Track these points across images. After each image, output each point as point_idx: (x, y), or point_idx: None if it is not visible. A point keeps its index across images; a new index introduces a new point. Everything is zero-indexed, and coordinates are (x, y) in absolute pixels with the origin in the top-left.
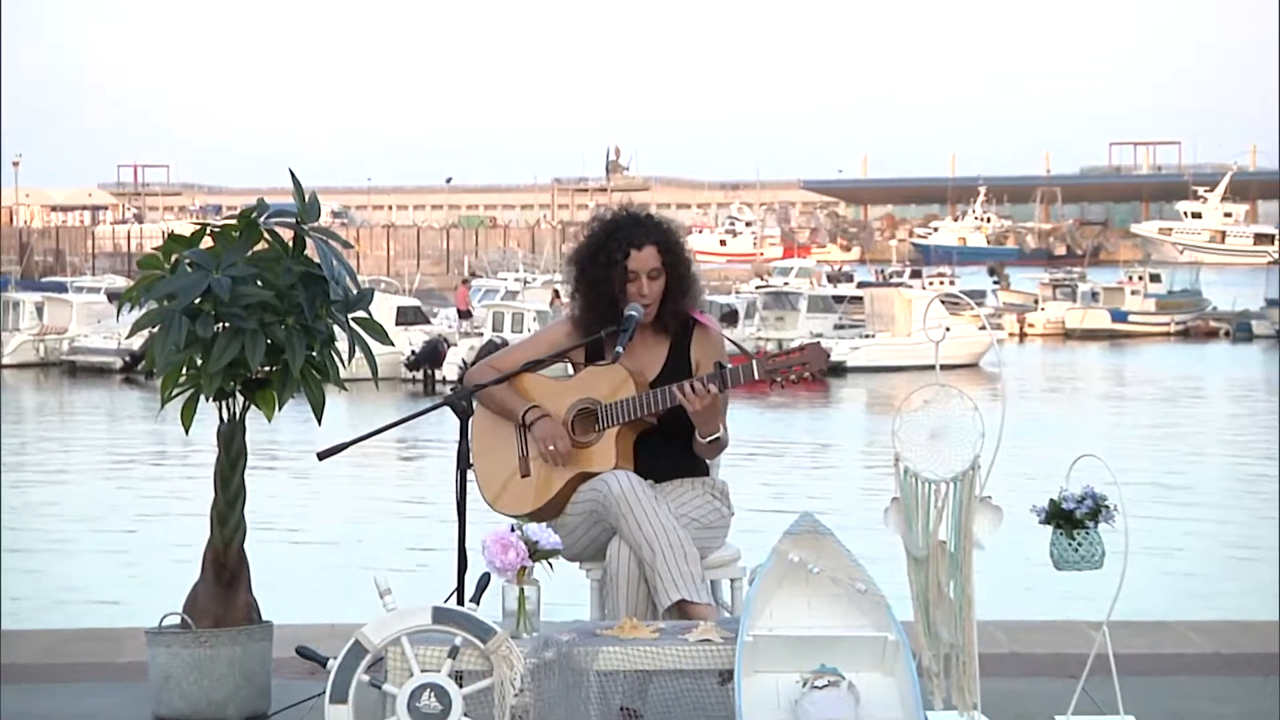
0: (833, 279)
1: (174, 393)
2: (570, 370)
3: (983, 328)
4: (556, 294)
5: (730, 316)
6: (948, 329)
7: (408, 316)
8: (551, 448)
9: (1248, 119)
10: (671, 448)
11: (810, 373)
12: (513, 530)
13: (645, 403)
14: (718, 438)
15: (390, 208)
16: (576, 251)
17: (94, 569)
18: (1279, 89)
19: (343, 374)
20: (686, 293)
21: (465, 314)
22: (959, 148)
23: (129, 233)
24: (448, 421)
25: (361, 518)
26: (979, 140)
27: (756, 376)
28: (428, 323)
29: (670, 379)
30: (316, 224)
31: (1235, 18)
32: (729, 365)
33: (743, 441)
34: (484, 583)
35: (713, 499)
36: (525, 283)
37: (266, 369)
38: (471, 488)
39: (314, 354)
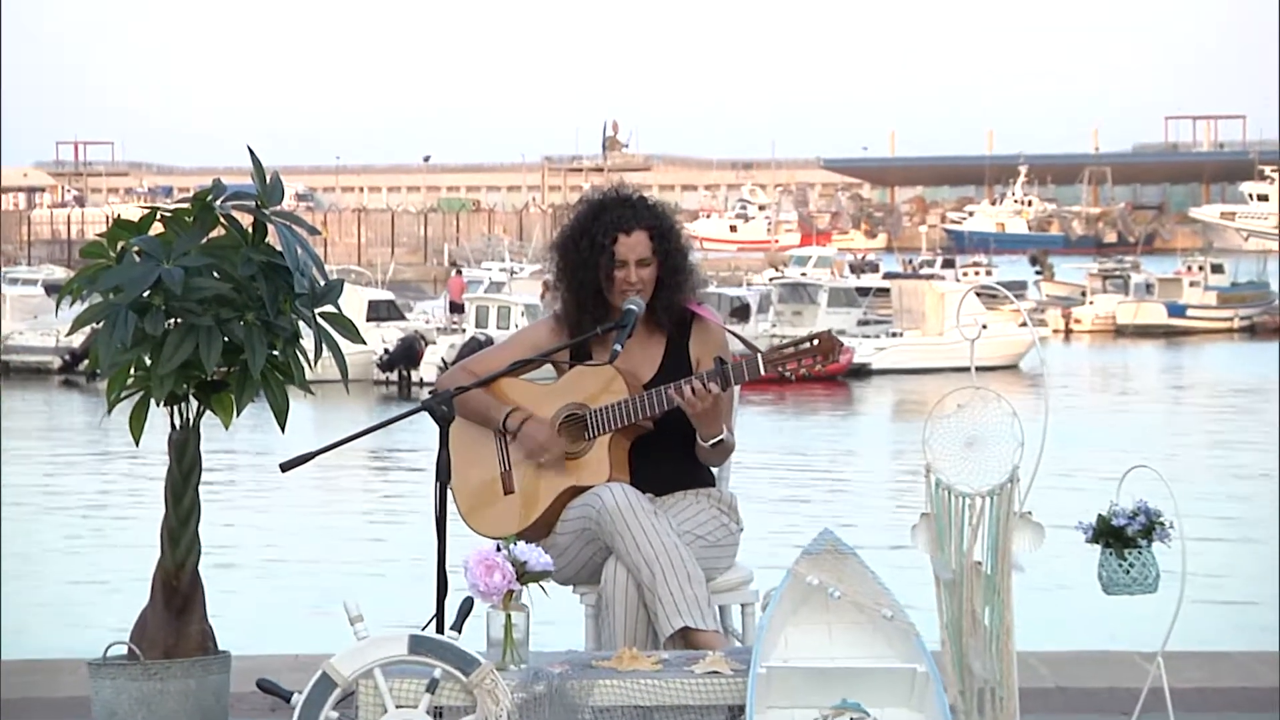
0: (856, 269)
1: (120, 396)
2: (555, 372)
3: (1023, 324)
4: (547, 286)
5: (741, 311)
6: (984, 326)
7: (381, 311)
8: (545, 456)
9: None
10: (671, 456)
11: (821, 364)
12: (498, 550)
13: (639, 406)
14: (722, 440)
15: (361, 189)
16: (560, 237)
17: (29, 593)
18: None
19: (309, 375)
20: (682, 284)
21: (457, 307)
22: (997, 123)
23: (69, 217)
24: (425, 428)
25: (330, 536)
26: (1019, 114)
27: (762, 371)
28: (403, 318)
29: (668, 379)
30: (279, 208)
31: None
32: (732, 361)
33: (755, 449)
34: (466, 608)
35: (719, 513)
36: (512, 273)
37: (223, 370)
38: (452, 504)
39: (276, 353)
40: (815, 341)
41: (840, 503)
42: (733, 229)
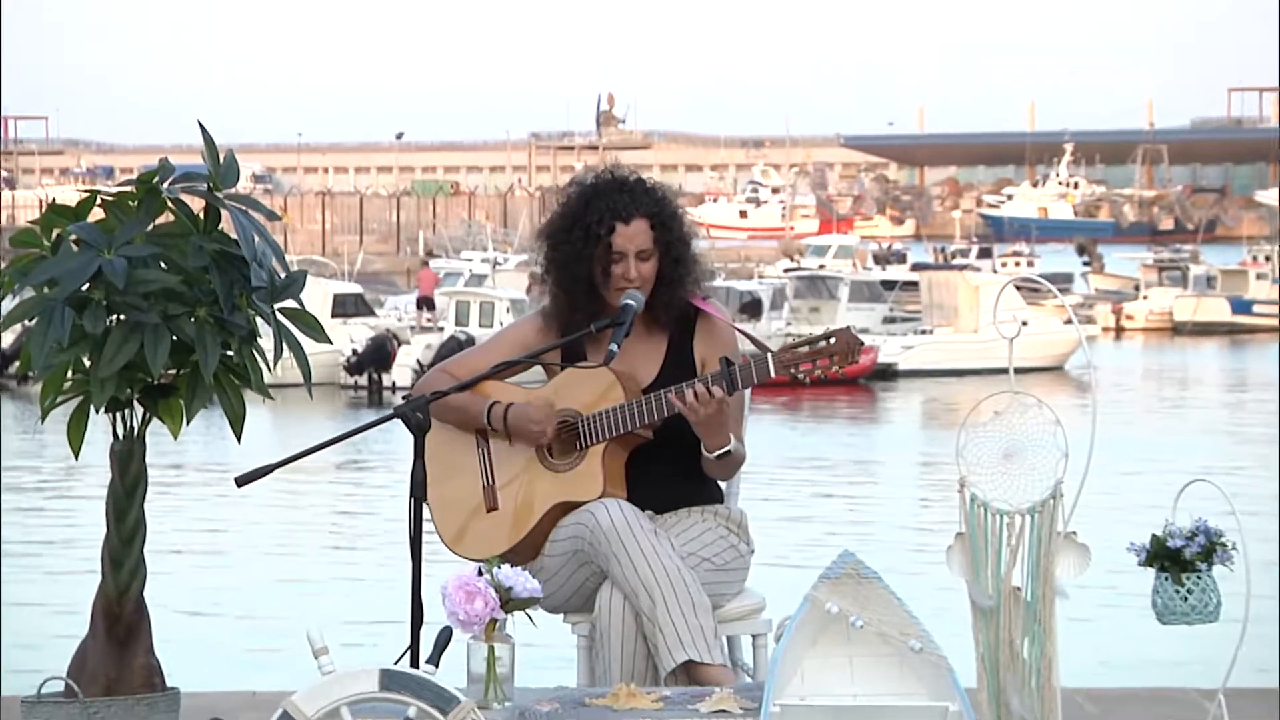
0: (881, 260)
1: (56, 402)
2: (545, 375)
3: (1068, 321)
4: (534, 279)
5: (752, 307)
6: (1024, 323)
7: (348, 307)
8: (542, 423)
9: None
10: (673, 468)
11: (839, 365)
12: (480, 573)
13: (637, 412)
14: (729, 452)
15: (326, 170)
16: (548, 224)
17: None
18: None
19: (267, 379)
20: (685, 277)
21: (428, 302)
22: (1039, 95)
23: None
24: (398, 438)
25: (292, 558)
26: (1064, 86)
27: (773, 373)
28: (372, 314)
29: (670, 383)
30: (234, 191)
31: None
32: (739, 362)
33: (767, 461)
34: (444, 639)
35: (728, 533)
36: (495, 264)
37: (172, 373)
38: (428, 522)
39: (231, 354)
40: (832, 340)
41: (863, 521)
42: (742, 215)
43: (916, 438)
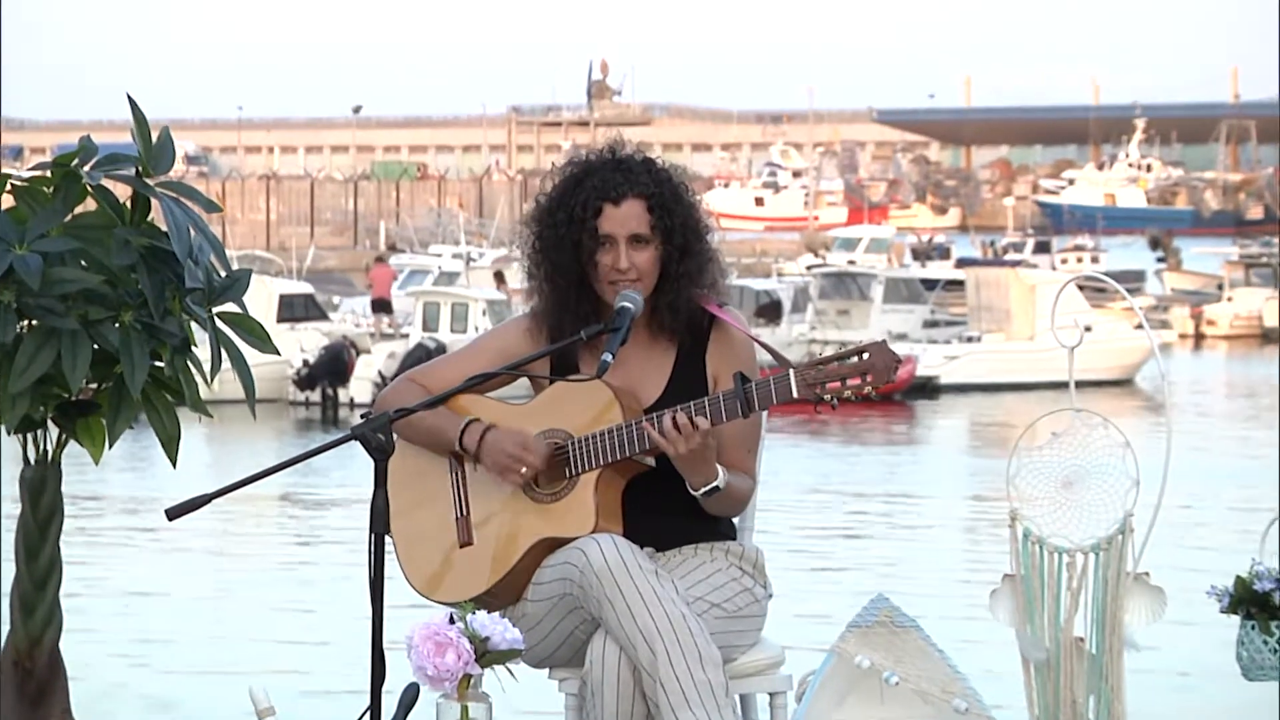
0: (921, 255)
1: None
2: (531, 389)
3: (1139, 326)
4: (501, 277)
5: (769, 310)
6: (1088, 329)
7: (297, 310)
8: (523, 470)
9: None
10: (678, 499)
11: (872, 386)
12: (452, 621)
13: (637, 435)
14: (716, 489)
15: (270, 150)
16: (533, 212)
17: None
18: None
19: (204, 394)
20: (695, 274)
21: (383, 305)
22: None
23: None
24: (356, 462)
25: (233, 602)
26: (1135, 53)
27: (795, 393)
28: (326, 318)
29: (676, 401)
30: (167, 176)
31: None
32: (756, 379)
33: (786, 491)
34: (410, 698)
35: (741, 574)
36: (469, 260)
37: (93, 387)
38: (392, 560)
39: (162, 366)
40: (865, 356)
41: (899, 561)
42: (758, 202)
43: (961, 463)
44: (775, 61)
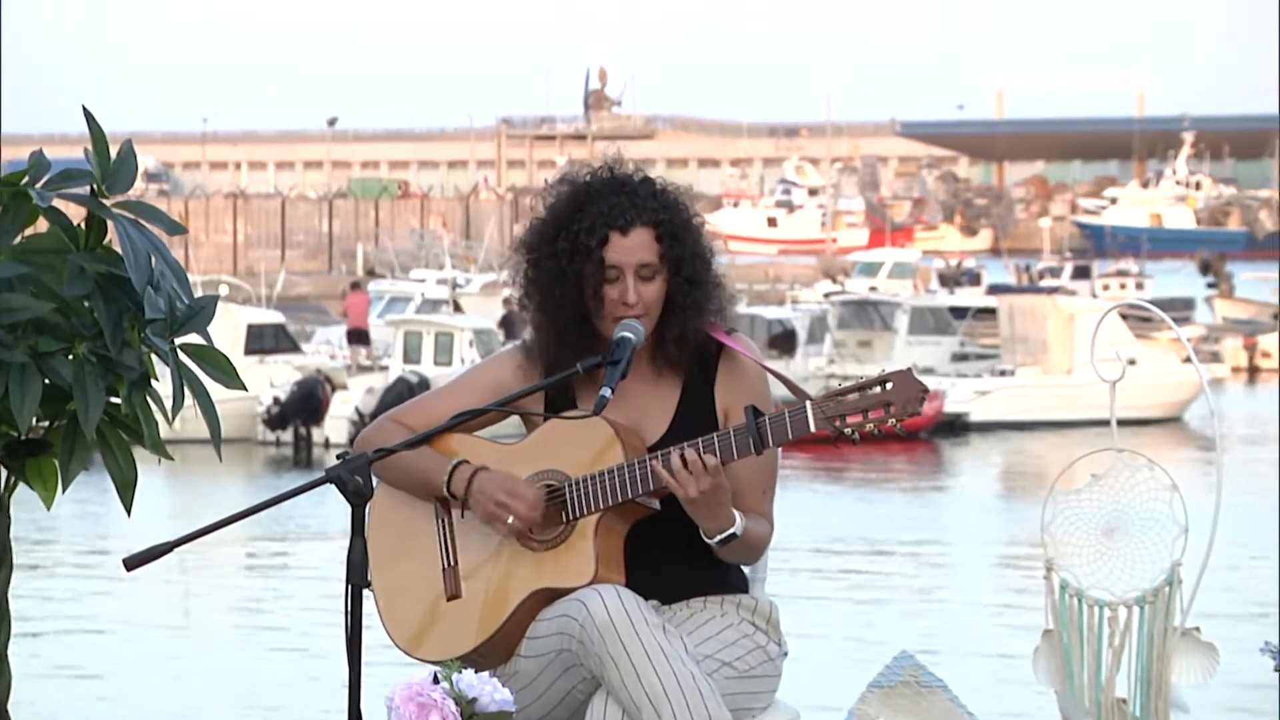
0: (949, 281)
1: None
2: (524, 429)
3: (1188, 359)
4: (509, 304)
5: (784, 341)
6: (1131, 361)
7: (266, 341)
8: (511, 520)
9: None
10: (685, 547)
11: (897, 419)
12: (436, 680)
13: (639, 476)
14: (734, 535)
15: (238, 165)
16: (529, 233)
17: None
18: None
19: (165, 434)
20: (702, 303)
21: (360, 336)
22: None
23: None
24: (331, 507)
25: (195, 660)
26: (1183, 60)
27: (813, 427)
28: (298, 350)
29: (682, 438)
30: (125, 195)
31: None
32: (769, 412)
33: (802, 538)
34: None
35: (754, 630)
36: (456, 286)
37: (44, 425)
38: (373, 615)
39: (119, 402)
40: (889, 386)
41: (924, 615)
42: (771, 223)
43: (992, 508)
44: (789, 69)
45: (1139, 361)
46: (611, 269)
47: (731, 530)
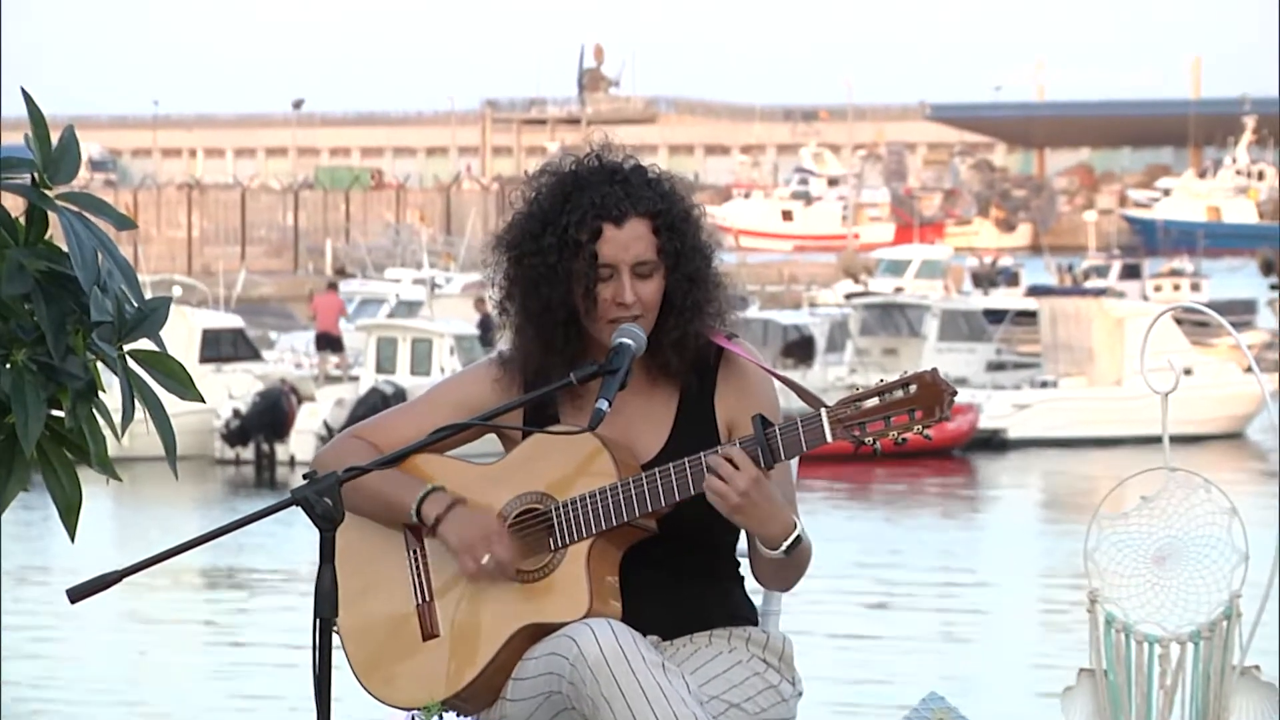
0: (984, 281)
1: None
2: (503, 448)
3: (1249, 369)
4: (482, 308)
5: (800, 348)
6: (1187, 371)
7: (224, 347)
8: (486, 559)
9: None
10: (688, 575)
11: (923, 425)
12: None
13: (635, 496)
14: (799, 539)
15: (193, 153)
16: (510, 229)
17: None
18: None
19: (113, 450)
20: (703, 305)
21: (330, 341)
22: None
23: None
24: (297, 533)
25: (148, 700)
26: (1242, 36)
27: (829, 437)
28: (259, 358)
29: (681, 454)
30: (69, 186)
31: None
32: (779, 422)
33: (819, 567)
34: None
35: (765, 667)
36: (435, 286)
37: None
38: (341, 652)
39: (62, 415)
40: (911, 388)
41: (955, 651)
42: (786, 216)
43: (1031, 534)
44: (807, 46)
45: (1195, 371)
46: (605, 266)
47: (796, 533)
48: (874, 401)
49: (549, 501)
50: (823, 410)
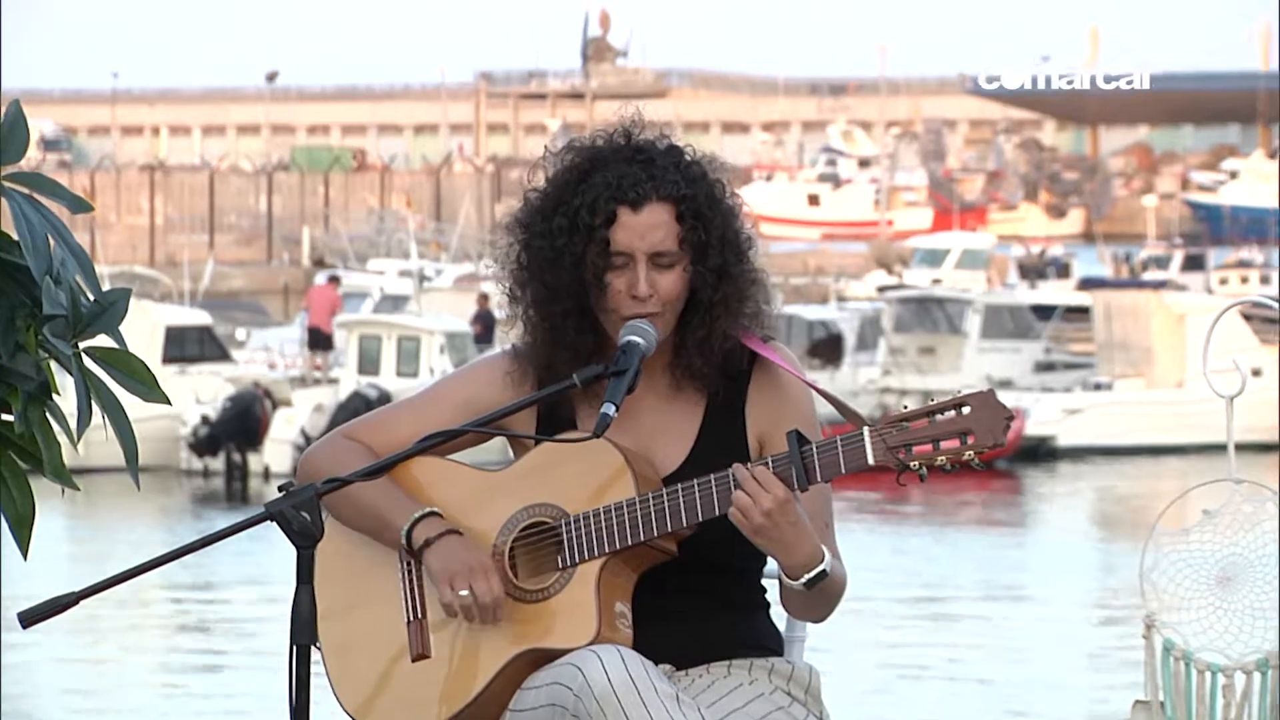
0: (1030, 272)
1: None
2: (511, 453)
3: None
4: (484, 303)
5: (827, 347)
6: (1255, 372)
7: (190, 346)
8: (464, 592)
9: None
10: (706, 600)
11: (975, 451)
12: None
13: (655, 514)
14: (823, 573)
15: (156, 130)
16: (522, 210)
17: None
18: None
19: (68, 458)
20: (732, 301)
21: (321, 339)
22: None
23: None
24: (273, 550)
25: None
26: None
27: (871, 459)
28: (228, 359)
29: (705, 469)
30: (17, 166)
31: None
32: (816, 439)
33: (854, 589)
34: None
35: (789, 700)
36: (423, 279)
37: None
38: (323, 678)
39: (11, 420)
40: (964, 409)
41: (999, 682)
42: (813, 201)
43: (1083, 552)
44: (835, 13)
45: (1264, 372)
46: (619, 254)
47: (822, 566)
48: (922, 422)
49: (559, 515)
50: (865, 429)
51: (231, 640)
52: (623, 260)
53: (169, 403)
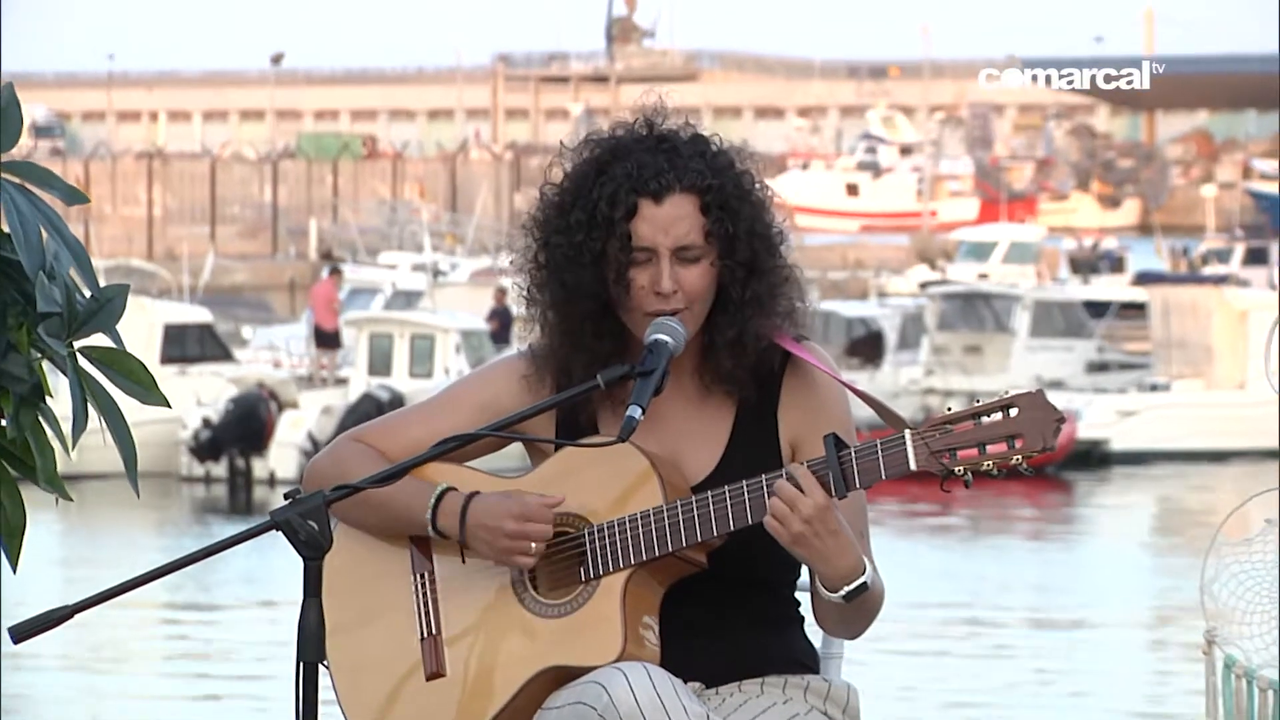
0: (1082, 266)
1: None
2: (529, 460)
3: None
4: (502, 299)
5: (867, 346)
6: None
7: (190, 345)
8: (530, 532)
9: None
10: (738, 613)
11: (1024, 457)
12: None
13: (683, 524)
14: (864, 585)
15: (154, 116)
16: (540, 205)
17: None
18: None
19: (62, 464)
20: (765, 299)
21: (328, 338)
22: None
23: None
24: (279, 561)
25: None
26: None
27: (913, 465)
28: (230, 358)
29: (737, 476)
30: (10, 155)
31: None
32: (855, 444)
33: (893, 602)
34: None
35: None
36: (438, 273)
37: None
38: (332, 698)
39: (2, 424)
40: (1012, 411)
41: (1048, 703)
42: (852, 190)
43: (1138, 564)
44: None
45: None
46: (641, 249)
47: (863, 579)
48: (968, 425)
49: (582, 524)
50: (907, 432)
51: (231, 665)
52: (645, 255)
53: (168, 405)
